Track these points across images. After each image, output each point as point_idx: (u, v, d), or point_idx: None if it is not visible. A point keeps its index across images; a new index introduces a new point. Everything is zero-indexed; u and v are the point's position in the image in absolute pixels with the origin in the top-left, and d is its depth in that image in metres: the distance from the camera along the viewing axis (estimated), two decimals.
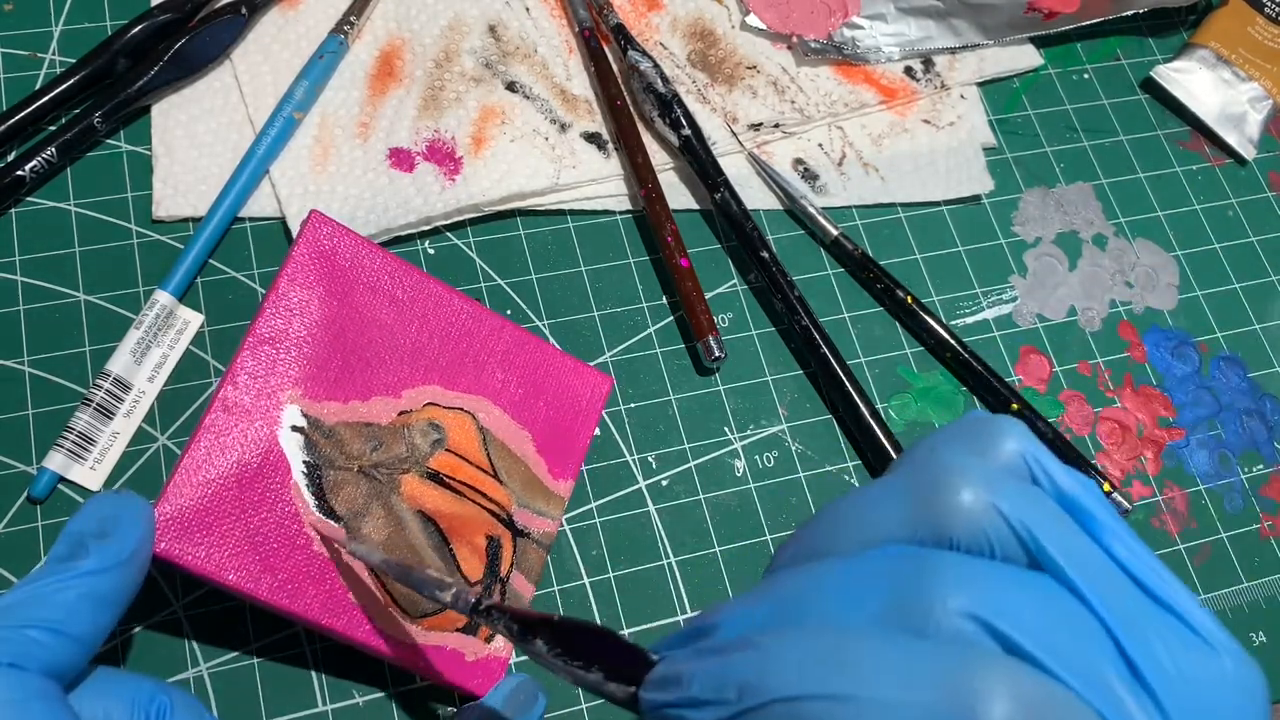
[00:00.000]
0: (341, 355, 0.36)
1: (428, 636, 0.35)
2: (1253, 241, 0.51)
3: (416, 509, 0.36)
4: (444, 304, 0.38)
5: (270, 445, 0.34)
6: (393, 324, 0.37)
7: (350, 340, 0.36)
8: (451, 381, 0.38)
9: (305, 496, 0.34)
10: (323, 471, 0.34)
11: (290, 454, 0.34)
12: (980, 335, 0.46)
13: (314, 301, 0.36)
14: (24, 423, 0.38)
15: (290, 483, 0.34)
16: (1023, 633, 0.22)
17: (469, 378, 0.38)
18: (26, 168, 0.41)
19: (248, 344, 0.34)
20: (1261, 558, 0.44)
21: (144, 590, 0.33)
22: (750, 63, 0.50)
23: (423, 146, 0.45)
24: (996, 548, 0.23)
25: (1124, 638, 0.22)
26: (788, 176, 0.47)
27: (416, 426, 0.36)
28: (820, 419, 0.43)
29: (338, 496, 0.34)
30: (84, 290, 0.41)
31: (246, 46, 0.45)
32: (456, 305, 0.38)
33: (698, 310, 0.43)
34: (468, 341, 0.38)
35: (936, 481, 0.23)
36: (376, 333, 0.36)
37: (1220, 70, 0.53)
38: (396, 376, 0.37)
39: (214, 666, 0.36)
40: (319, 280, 0.36)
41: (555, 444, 0.39)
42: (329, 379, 0.35)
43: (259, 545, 0.33)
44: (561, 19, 0.49)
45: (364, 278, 0.37)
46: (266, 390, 0.34)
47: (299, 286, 0.35)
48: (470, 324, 0.38)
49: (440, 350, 0.38)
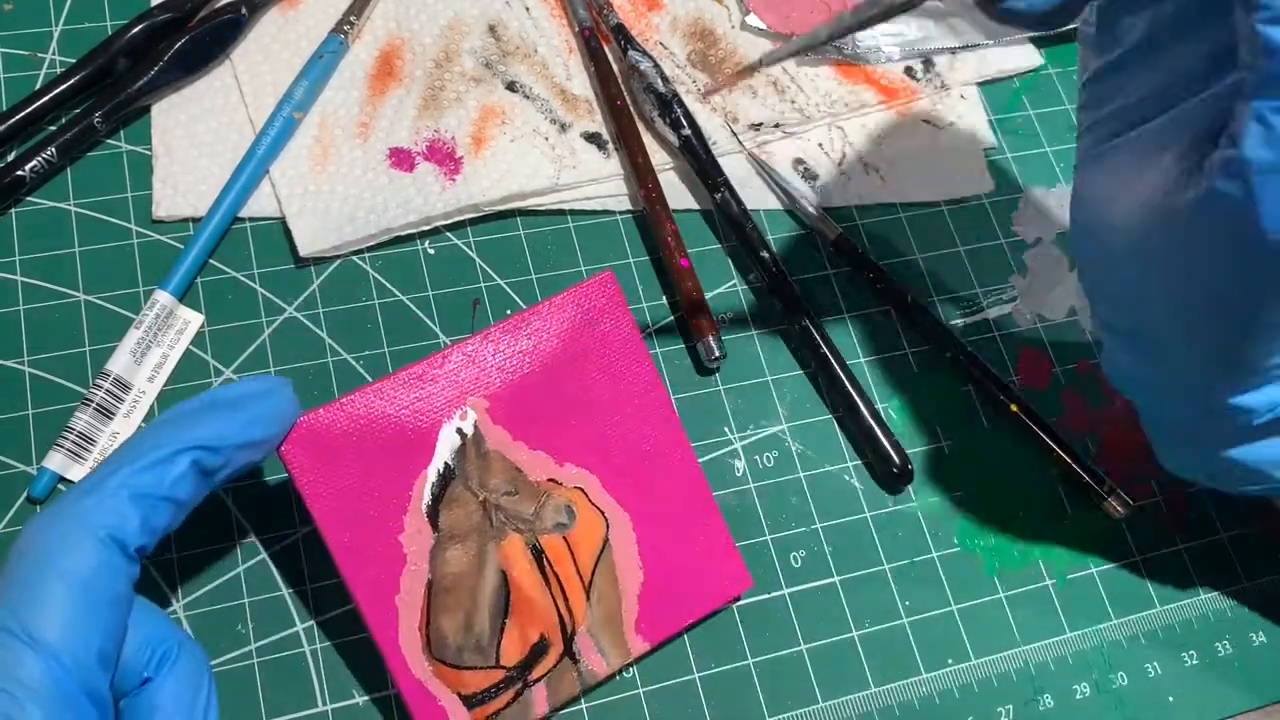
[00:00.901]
0: (542, 398, 0.36)
1: (430, 678, 0.34)
2: None
3: (503, 568, 0.35)
4: (654, 415, 0.37)
5: (431, 430, 0.34)
6: (601, 401, 0.37)
7: (559, 390, 0.36)
8: (611, 483, 0.37)
9: (424, 491, 0.34)
10: (453, 481, 0.35)
11: (440, 449, 0.34)
12: (980, 335, 0.46)
13: (556, 339, 0.36)
14: (24, 423, 0.38)
15: (422, 473, 0.34)
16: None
17: (629, 489, 0.37)
18: (26, 168, 0.41)
19: (484, 334, 0.35)
20: (1262, 558, 0.44)
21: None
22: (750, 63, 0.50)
23: (423, 146, 0.45)
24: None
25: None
26: (788, 176, 0.47)
27: (554, 501, 0.36)
28: (820, 419, 0.43)
29: (449, 510, 0.34)
30: (84, 290, 0.41)
31: (246, 46, 0.46)
32: (667, 423, 0.38)
33: (698, 310, 0.43)
34: (652, 459, 0.37)
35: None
36: (583, 398, 0.36)
37: None
38: (570, 446, 0.36)
39: (214, 666, 0.36)
40: (574, 327, 0.36)
41: (659, 603, 0.37)
42: (517, 411, 0.35)
43: (360, 503, 0.33)
44: (561, 19, 0.49)
45: (610, 352, 0.37)
46: (463, 382, 0.35)
47: (555, 320, 0.36)
48: (665, 444, 0.37)
49: (621, 449, 0.37)
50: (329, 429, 0.33)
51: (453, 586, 0.34)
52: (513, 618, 0.35)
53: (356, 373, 0.41)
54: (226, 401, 0.30)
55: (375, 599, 0.33)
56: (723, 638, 0.39)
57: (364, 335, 0.42)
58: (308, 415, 0.33)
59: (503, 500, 0.35)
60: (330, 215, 0.43)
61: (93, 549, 0.27)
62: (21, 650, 0.25)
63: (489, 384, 0.35)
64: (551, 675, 0.35)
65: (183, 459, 0.29)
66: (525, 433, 0.36)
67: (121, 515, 0.27)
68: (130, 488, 0.28)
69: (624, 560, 0.37)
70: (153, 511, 0.28)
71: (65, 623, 0.25)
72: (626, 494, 0.37)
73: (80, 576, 0.26)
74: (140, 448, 0.29)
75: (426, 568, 0.34)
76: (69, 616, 0.26)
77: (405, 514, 0.34)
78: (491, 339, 0.35)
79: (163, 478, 0.28)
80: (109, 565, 0.27)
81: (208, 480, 0.30)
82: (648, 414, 0.37)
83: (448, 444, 0.34)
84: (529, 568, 0.35)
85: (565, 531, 0.36)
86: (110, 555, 0.27)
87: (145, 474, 0.28)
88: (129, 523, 0.27)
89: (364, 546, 0.33)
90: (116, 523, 0.27)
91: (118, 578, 0.27)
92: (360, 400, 0.33)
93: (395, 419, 0.34)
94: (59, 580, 0.26)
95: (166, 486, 0.28)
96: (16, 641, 0.25)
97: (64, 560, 0.26)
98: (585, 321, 0.36)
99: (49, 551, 0.26)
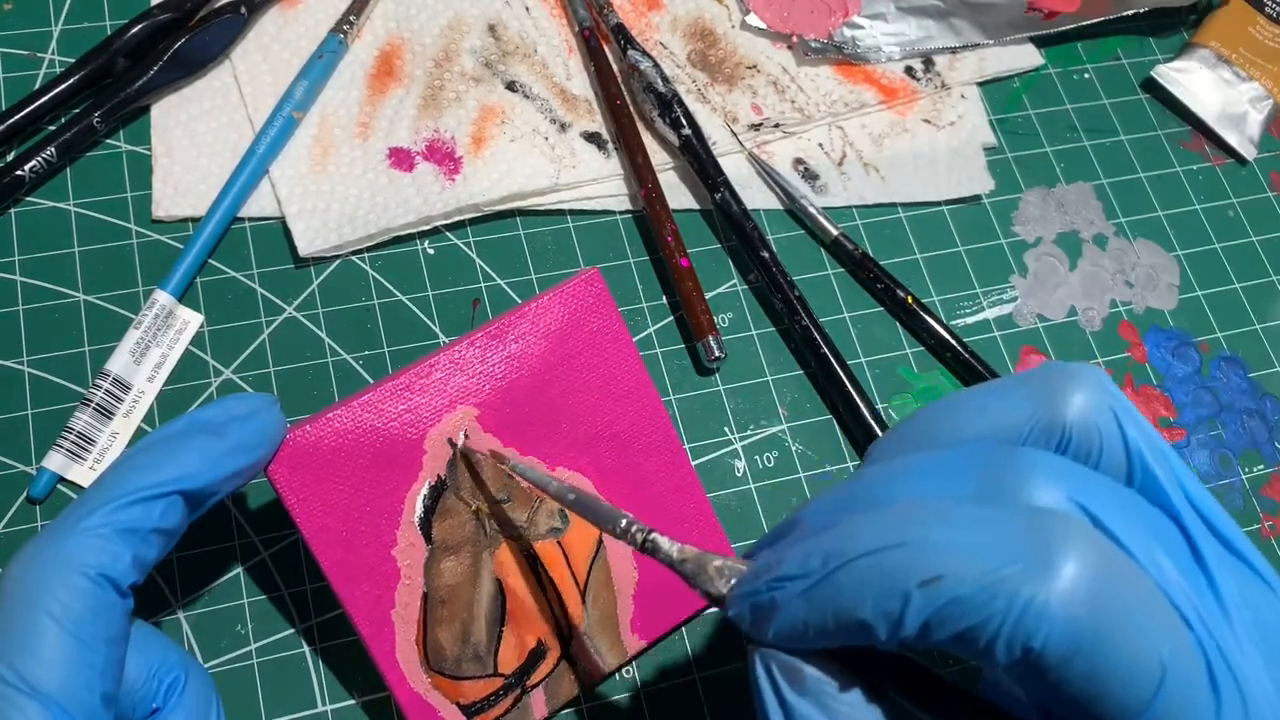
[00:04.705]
0: (531, 402, 0.35)
1: (429, 690, 0.34)
2: (1253, 241, 0.51)
3: (498, 577, 0.35)
4: (644, 414, 0.37)
5: (419, 441, 0.34)
6: (591, 401, 0.36)
7: (549, 395, 0.35)
8: (604, 483, 0.36)
9: (416, 504, 0.34)
10: (445, 492, 0.34)
11: (430, 460, 0.34)
12: (980, 335, 0.46)
13: (544, 341, 0.35)
14: (23, 423, 0.38)
15: (413, 485, 0.34)
16: (1110, 518, 0.22)
17: (622, 489, 0.37)
18: (26, 168, 0.41)
19: (469, 339, 0.34)
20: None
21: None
22: (750, 62, 0.49)
23: (422, 146, 0.45)
24: (1104, 450, 0.24)
25: (1204, 551, 0.23)
26: (788, 176, 0.47)
27: (547, 506, 0.36)
28: (820, 419, 0.43)
29: (442, 521, 0.34)
30: (83, 290, 0.41)
31: (246, 46, 0.45)
32: (659, 427, 0.37)
33: (698, 310, 0.43)
34: (643, 458, 0.37)
35: (1065, 376, 0.24)
36: (573, 402, 0.36)
37: (1221, 70, 0.53)
38: (561, 449, 0.36)
39: (214, 666, 0.36)
40: (562, 327, 0.36)
41: (654, 601, 0.37)
42: (507, 417, 0.35)
43: (351, 520, 0.33)
44: (561, 18, 0.49)
45: (598, 351, 0.36)
46: (451, 390, 0.34)
47: (542, 321, 0.35)
48: (655, 443, 0.37)
49: (613, 452, 0.37)
50: (316, 446, 0.32)
51: (448, 598, 0.34)
52: (509, 625, 0.35)
53: (356, 373, 0.41)
54: (211, 426, 0.29)
55: (371, 616, 0.33)
56: (723, 637, 0.39)
57: (363, 335, 0.42)
58: (294, 432, 0.32)
59: (495, 509, 0.35)
60: (330, 215, 0.43)
61: (86, 589, 0.26)
62: (24, 702, 0.24)
63: (478, 391, 0.34)
64: (549, 679, 0.35)
65: (167, 494, 0.28)
66: (516, 438, 0.35)
67: (112, 554, 0.26)
68: (115, 524, 0.27)
69: (618, 561, 0.37)
70: (143, 545, 0.27)
71: (64, 669, 0.24)
72: (619, 494, 0.37)
73: (74, 619, 0.25)
74: (124, 482, 0.27)
75: (421, 581, 0.34)
76: (67, 662, 0.25)
77: (397, 528, 0.33)
78: (477, 344, 0.35)
79: (150, 512, 0.27)
80: (103, 604, 0.26)
81: (196, 509, 0.29)
82: (638, 413, 0.37)
83: (438, 455, 0.34)
84: (524, 574, 0.35)
85: (559, 536, 0.36)
86: (104, 594, 0.26)
87: (131, 509, 0.27)
88: (120, 561, 0.26)
89: (357, 563, 0.33)
90: (108, 561, 0.26)
91: (113, 615, 0.26)
92: (347, 414, 0.33)
93: (383, 431, 0.33)
94: (52, 624, 0.25)
95: (155, 519, 0.27)
96: (17, 693, 0.24)
97: (55, 603, 0.25)
98: (573, 322, 0.36)
99: (39, 594, 0.25)
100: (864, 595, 0.22)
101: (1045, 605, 0.20)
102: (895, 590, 0.21)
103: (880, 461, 0.26)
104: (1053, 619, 0.20)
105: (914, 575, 0.21)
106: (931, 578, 0.21)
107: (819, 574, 0.22)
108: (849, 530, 0.23)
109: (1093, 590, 0.20)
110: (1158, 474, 0.24)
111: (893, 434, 0.27)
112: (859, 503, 0.24)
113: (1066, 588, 0.20)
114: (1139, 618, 0.20)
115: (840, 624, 0.22)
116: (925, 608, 0.21)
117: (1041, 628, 0.20)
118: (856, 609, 0.22)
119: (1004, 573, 0.20)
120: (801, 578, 0.23)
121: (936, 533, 0.21)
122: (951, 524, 0.22)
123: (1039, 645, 0.20)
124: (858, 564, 0.22)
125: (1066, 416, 0.24)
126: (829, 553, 0.22)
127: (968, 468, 0.23)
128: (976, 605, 0.21)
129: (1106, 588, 0.20)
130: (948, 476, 0.23)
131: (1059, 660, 0.20)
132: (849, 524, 0.23)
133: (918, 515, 0.22)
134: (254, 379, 0.40)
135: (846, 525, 0.23)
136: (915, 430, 0.26)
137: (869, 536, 0.22)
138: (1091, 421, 0.24)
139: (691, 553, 0.26)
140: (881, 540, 0.22)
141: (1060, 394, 0.24)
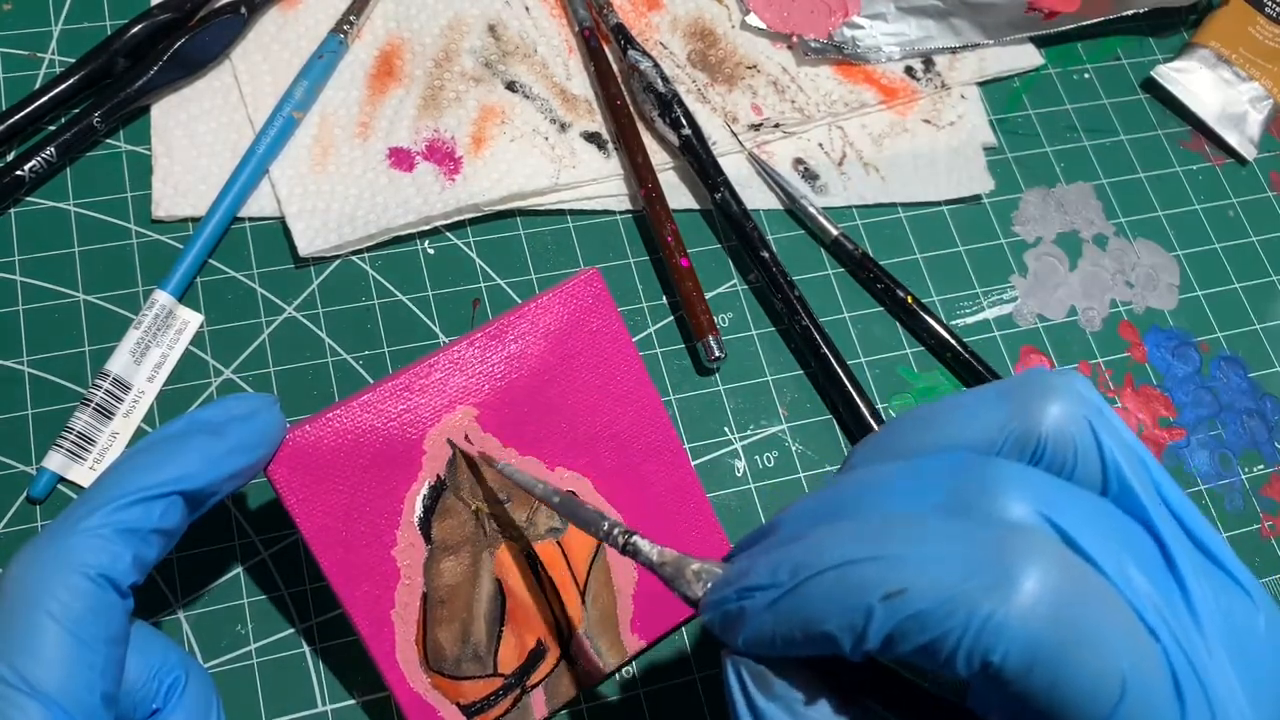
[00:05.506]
0: (530, 402, 0.35)
1: (428, 690, 0.34)
2: (1253, 241, 0.51)
3: (498, 577, 0.35)
4: (643, 413, 0.37)
5: (418, 441, 0.33)
6: (590, 401, 0.36)
7: (548, 395, 0.35)
8: (603, 483, 0.36)
9: (415, 504, 0.34)
10: (445, 492, 0.34)
11: (429, 461, 0.34)
12: (980, 335, 0.46)
13: (544, 341, 0.35)
14: (23, 423, 0.38)
15: (413, 486, 0.34)
16: (1079, 532, 0.22)
17: (621, 489, 0.37)
18: (26, 168, 0.41)
19: (469, 339, 0.34)
20: (1262, 558, 0.44)
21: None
22: (750, 62, 0.50)
23: (422, 146, 0.45)
24: (1079, 461, 0.24)
25: (1179, 560, 0.23)
26: (788, 176, 0.47)
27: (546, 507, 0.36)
28: (820, 419, 0.43)
29: (442, 521, 0.34)
30: (83, 290, 0.41)
31: (246, 46, 0.45)
32: (659, 427, 0.37)
33: (698, 310, 0.43)
34: (642, 457, 0.37)
35: (1042, 386, 0.25)
36: (573, 402, 0.36)
37: (1221, 70, 0.53)
38: (560, 449, 0.36)
39: (214, 666, 0.36)
40: (561, 328, 0.35)
41: (654, 601, 0.37)
42: (506, 417, 0.35)
43: (351, 520, 0.32)
44: (561, 18, 0.49)
45: (598, 351, 0.36)
46: (450, 391, 0.34)
47: (541, 321, 0.35)
48: (655, 442, 0.37)
49: (613, 452, 0.36)
50: (316, 446, 0.32)
51: (448, 598, 0.34)
52: (509, 625, 0.35)
53: (356, 373, 0.41)
54: (211, 426, 0.29)
55: (370, 616, 0.33)
56: None
57: (364, 335, 0.42)
58: (294, 432, 0.32)
59: (495, 509, 0.35)
60: (330, 215, 0.43)
61: (86, 590, 0.26)
62: (25, 702, 0.24)
63: (477, 391, 0.34)
64: (549, 679, 0.35)
65: (168, 494, 0.28)
66: (515, 439, 0.35)
67: (112, 554, 0.26)
68: (115, 524, 0.27)
69: (618, 561, 0.37)
70: (143, 546, 0.27)
71: (64, 669, 0.25)
72: (618, 494, 0.37)
73: (74, 619, 0.25)
74: (124, 482, 0.27)
75: (421, 581, 0.34)
76: (68, 662, 0.25)
77: (397, 528, 0.33)
78: (477, 344, 0.35)
79: (150, 512, 0.27)
80: (104, 604, 0.26)
81: (196, 509, 0.29)
82: (637, 413, 0.37)
83: (438, 455, 0.34)
84: (524, 574, 0.35)
85: (558, 536, 0.36)
86: (104, 594, 0.26)
87: (132, 509, 0.27)
88: (120, 561, 0.26)
89: (357, 563, 0.33)
90: (108, 561, 0.26)
91: (113, 615, 0.26)
92: (346, 414, 0.32)
93: (383, 432, 0.33)
94: (53, 624, 0.25)
95: (155, 519, 0.27)
96: (17, 694, 0.24)
97: (55, 603, 0.25)
98: (572, 322, 0.36)
99: (39, 594, 0.25)
100: (829, 608, 0.22)
101: (1005, 620, 0.20)
102: (859, 604, 0.22)
103: (858, 468, 0.26)
104: (1012, 634, 0.20)
105: (878, 589, 0.21)
106: (895, 591, 0.21)
107: (786, 585, 0.23)
108: (817, 542, 0.23)
109: (1053, 605, 0.20)
110: (1133, 484, 0.24)
111: (873, 440, 0.27)
112: (832, 512, 0.24)
113: (1026, 603, 0.20)
114: (1100, 631, 0.21)
115: (807, 635, 0.23)
116: (888, 621, 0.21)
117: (1000, 642, 0.20)
118: (822, 621, 0.22)
119: (965, 587, 0.21)
120: (771, 588, 0.23)
121: (902, 547, 0.22)
122: (916, 538, 0.22)
123: (998, 659, 0.21)
124: (824, 577, 0.22)
125: (1042, 427, 0.24)
126: (797, 564, 0.23)
127: (939, 479, 0.23)
128: (937, 619, 0.21)
129: (1067, 602, 0.20)
130: (920, 487, 0.24)
131: (1018, 674, 0.21)
132: (817, 535, 0.23)
133: (885, 528, 0.22)
134: (254, 379, 0.40)
135: (815, 536, 0.23)
136: (894, 437, 0.26)
137: (836, 549, 0.22)
138: (1067, 432, 0.24)
139: (671, 555, 0.26)
140: (848, 554, 0.22)
141: (1036, 404, 0.24)
